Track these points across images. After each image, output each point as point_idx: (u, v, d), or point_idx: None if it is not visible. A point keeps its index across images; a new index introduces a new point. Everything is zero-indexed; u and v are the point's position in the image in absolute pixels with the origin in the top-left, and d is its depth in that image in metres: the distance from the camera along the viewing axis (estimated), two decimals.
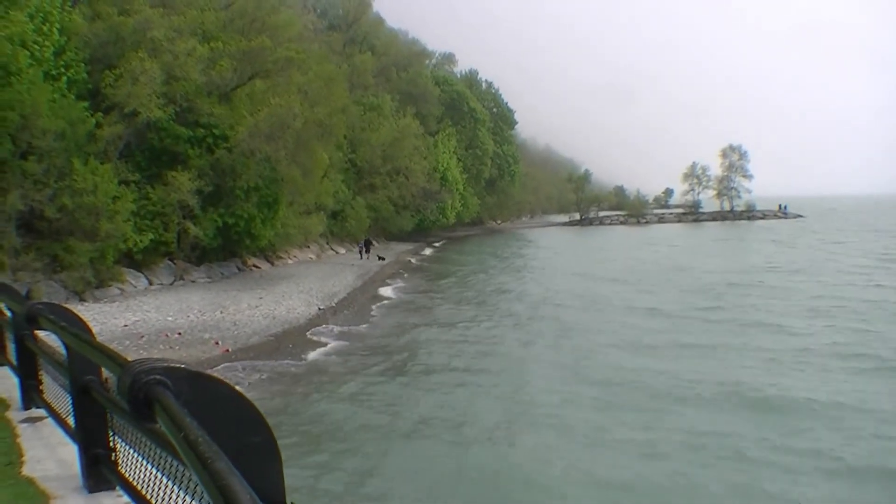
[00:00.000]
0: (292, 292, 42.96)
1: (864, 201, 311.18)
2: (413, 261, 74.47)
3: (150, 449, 3.68)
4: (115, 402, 4.33)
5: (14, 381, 7.46)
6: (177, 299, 38.17)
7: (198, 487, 2.34)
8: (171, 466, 3.34)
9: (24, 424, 6.48)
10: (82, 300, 35.47)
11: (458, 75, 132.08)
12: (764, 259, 66.53)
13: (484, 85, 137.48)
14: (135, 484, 4.18)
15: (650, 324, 36.60)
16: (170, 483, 3.36)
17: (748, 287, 48.27)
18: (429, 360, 29.84)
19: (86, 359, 4.54)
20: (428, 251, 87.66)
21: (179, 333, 30.38)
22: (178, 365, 2.64)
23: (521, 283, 55.87)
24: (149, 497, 3.89)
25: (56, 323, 4.88)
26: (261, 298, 39.94)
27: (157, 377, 2.53)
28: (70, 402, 5.05)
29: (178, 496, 3.22)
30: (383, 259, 66.69)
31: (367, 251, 68.96)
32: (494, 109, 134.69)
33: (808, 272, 56.10)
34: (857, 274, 53.82)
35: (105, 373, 4.57)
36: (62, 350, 5.29)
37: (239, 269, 51.82)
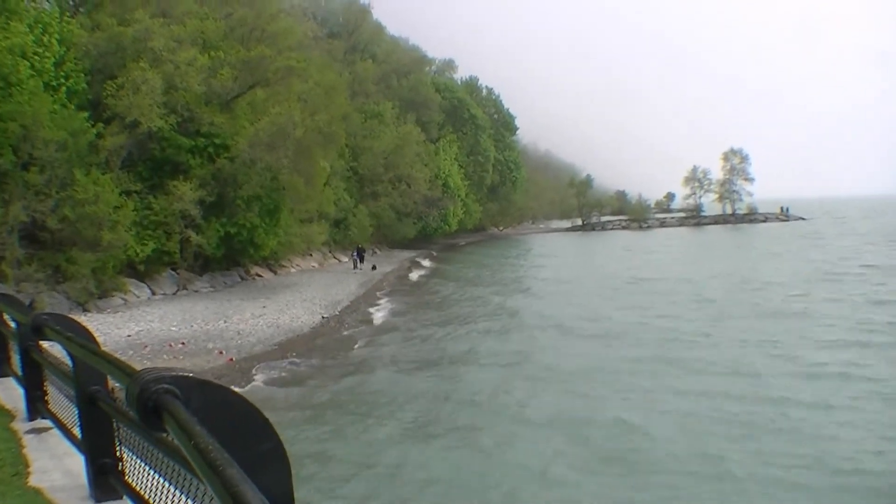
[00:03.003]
0: (296, 301, 42.97)
1: (871, 203, 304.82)
2: (419, 263, 74.26)
3: (157, 458, 3.69)
4: (122, 412, 4.33)
5: (19, 391, 7.47)
6: (180, 309, 38.17)
7: (205, 496, 2.34)
8: (178, 475, 3.34)
9: (30, 435, 6.48)
10: (85, 310, 35.46)
11: (459, 82, 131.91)
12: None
13: (484, 91, 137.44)
14: (142, 493, 4.18)
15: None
16: (177, 492, 3.36)
17: None
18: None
19: (92, 369, 4.53)
20: (427, 262, 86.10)
21: (183, 343, 30.34)
22: (186, 374, 2.63)
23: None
24: None
25: (62, 333, 4.86)
26: (264, 307, 39.93)
27: (166, 386, 2.52)
28: (76, 412, 5.05)
29: None
30: (375, 268, 65.29)
31: (362, 260, 66.77)
32: (495, 115, 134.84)
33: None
34: None
35: (111, 382, 4.57)
36: (68, 360, 5.29)
37: (242, 278, 51.83)
